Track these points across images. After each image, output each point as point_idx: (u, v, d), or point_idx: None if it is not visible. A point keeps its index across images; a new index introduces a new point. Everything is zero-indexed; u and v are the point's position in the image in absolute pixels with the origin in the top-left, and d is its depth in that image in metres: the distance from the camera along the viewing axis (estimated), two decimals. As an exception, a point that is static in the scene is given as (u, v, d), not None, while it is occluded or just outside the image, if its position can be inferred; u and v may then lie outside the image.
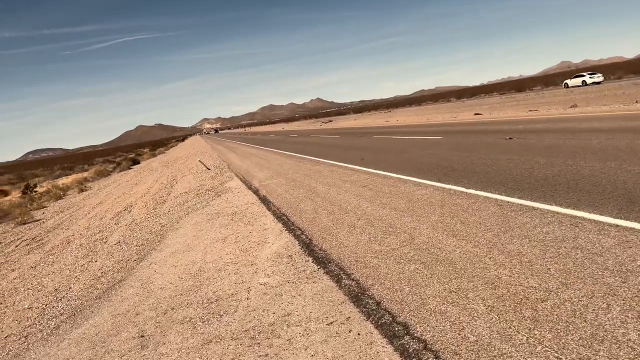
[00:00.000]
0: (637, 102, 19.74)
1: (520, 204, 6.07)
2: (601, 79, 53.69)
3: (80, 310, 5.79)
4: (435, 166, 10.32)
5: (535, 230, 4.94)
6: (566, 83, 57.56)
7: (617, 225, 4.64)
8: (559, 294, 3.49)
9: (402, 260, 4.84)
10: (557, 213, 5.40)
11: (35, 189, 32.27)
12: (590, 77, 53.76)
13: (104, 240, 10.30)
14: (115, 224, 12.27)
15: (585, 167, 7.54)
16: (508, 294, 3.64)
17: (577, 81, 55.29)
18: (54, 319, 5.75)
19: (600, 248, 4.15)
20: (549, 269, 3.94)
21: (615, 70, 66.78)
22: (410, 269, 4.55)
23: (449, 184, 8.21)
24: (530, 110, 25.15)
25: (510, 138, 13.00)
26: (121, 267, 7.57)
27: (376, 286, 4.32)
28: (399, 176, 9.92)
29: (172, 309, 5.09)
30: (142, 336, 4.53)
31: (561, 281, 3.68)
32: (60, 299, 6.52)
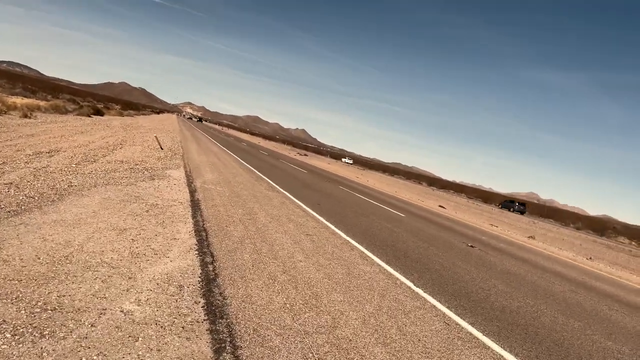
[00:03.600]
0: (590, 258, 19.71)
1: (471, 334, 4.99)
2: (351, 161, 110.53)
3: None
4: (390, 244, 9.25)
5: (484, 382, 3.83)
6: (342, 160, 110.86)
7: (583, 418, 3.59)
8: None
9: (310, 356, 3.60)
10: (512, 366, 4.34)
11: (-21, 96, 29.47)
12: (347, 160, 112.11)
13: (-3, 175, 8.61)
14: (25, 162, 10.53)
15: (547, 315, 6.60)
16: None
17: (344, 161, 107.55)
18: None
19: None
20: None
21: (576, 220, 69.30)
22: (316, 375, 3.32)
23: (397, 270, 7.12)
24: (492, 225, 24.87)
25: (472, 246, 12.17)
26: (-14, 214, 5.99)
27: (262, 384, 3.07)
28: (348, 239, 8.79)
29: (-7, 298, 3.64)
30: None
31: None
32: None
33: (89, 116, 42.34)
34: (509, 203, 61.78)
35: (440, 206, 30.20)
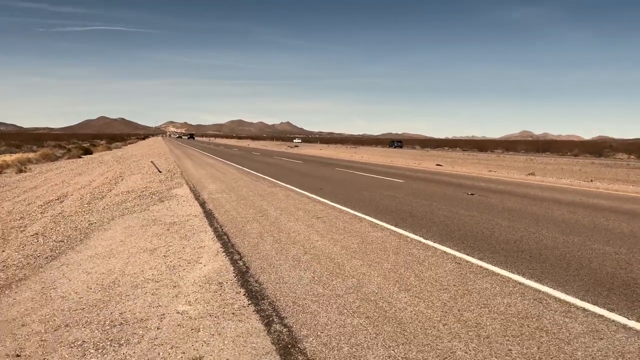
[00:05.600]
0: (591, 180, 20.33)
1: (480, 266, 5.61)
2: (300, 141, 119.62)
3: (-44, 310, 4.82)
4: (395, 209, 9.87)
5: (496, 300, 4.44)
6: (293, 141, 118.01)
7: (584, 310, 4.20)
8: (522, 385, 2.95)
9: (345, 311, 4.21)
10: (520, 284, 4.96)
11: (-30, 161, 29.87)
12: (297, 140, 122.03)
13: (21, 229, 9.17)
14: (41, 212, 11.08)
15: (548, 238, 7.23)
16: (463, 375, 3.07)
17: (295, 142, 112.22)
18: None
19: (568, 334, 3.67)
20: (510, 350, 3.41)
21: (573, 147, 70.13)
22: (353, 324, 3.92)
23: (406, 230, 7.73)
24: (491, 171, 25.49)
25: (472, 194, 12.79)
26: (28, 263, 6.57)
27: (311, 339, 3.66)
28: (356, 213, 9.39)
29: (67, 325, 4.23)
30: (17, 355, 3.66)
31: (524, 369, 3.15)
32: (-59, 291, 5.48)
33: (80, 157, 42.71)
34: (392, 142, 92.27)
35: (437, 165, 30.81)
